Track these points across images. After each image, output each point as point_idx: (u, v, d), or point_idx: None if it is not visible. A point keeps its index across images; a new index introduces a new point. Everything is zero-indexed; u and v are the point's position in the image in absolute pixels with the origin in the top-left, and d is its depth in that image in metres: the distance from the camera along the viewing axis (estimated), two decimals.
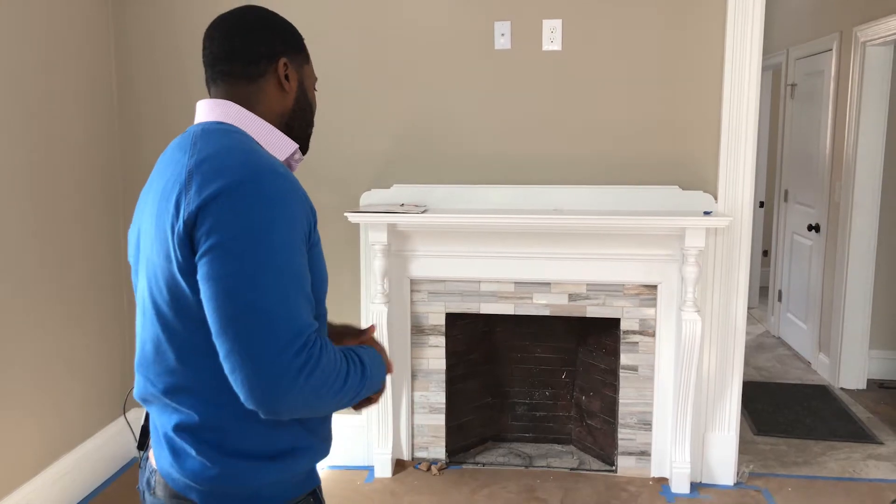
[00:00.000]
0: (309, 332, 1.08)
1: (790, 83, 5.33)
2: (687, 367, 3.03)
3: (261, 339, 1.04)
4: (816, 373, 4.73)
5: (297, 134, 1.33)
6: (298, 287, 1.10)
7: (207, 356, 1.11)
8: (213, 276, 1.06)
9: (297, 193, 1.14)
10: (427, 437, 3.39)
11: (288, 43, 1.30)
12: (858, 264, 4.37)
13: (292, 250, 1.10)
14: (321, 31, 3.18)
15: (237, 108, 1.24)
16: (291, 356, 1.05)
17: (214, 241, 1.06)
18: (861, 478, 3.28)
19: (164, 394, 1.18)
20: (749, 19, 2.98)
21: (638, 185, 3.11)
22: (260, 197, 1.08)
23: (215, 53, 1.27)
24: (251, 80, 1.26)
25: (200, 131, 1.19)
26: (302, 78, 1.33)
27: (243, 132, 1.22)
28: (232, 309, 1.05)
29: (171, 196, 1.12)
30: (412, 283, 3.27)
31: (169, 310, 1.15)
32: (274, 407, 1.06)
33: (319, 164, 3.27)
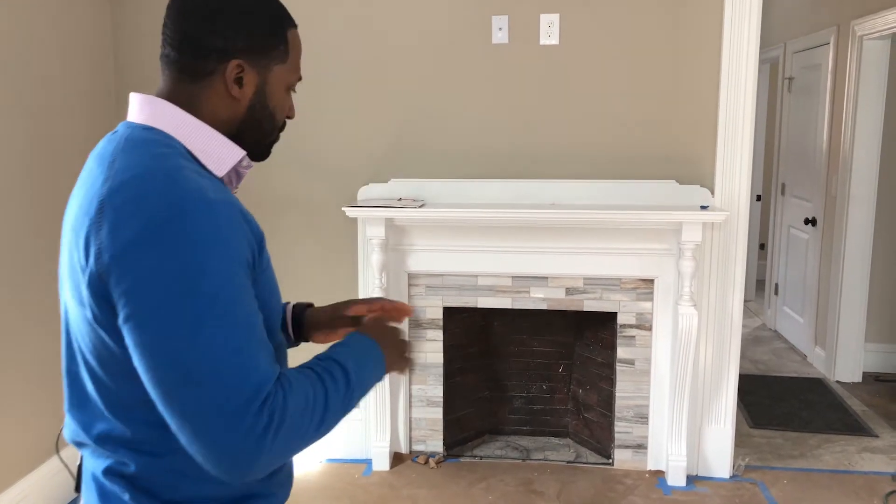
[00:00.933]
0: (268, 385, 0.91)
1: (787, 77, 5.33)
2: (683, 360, 3.04)
3: (213, 408, 0.88)
4: (812, 366, 4.75)
5: (250, 144, 1.12)
6: (249, 333, 0.93)
7: (141, 406, 0.96)
8: (143, 343, 0.90)
9: (233, 220, 0.96)
10: (425, 430, 3.40)
11: (252, 38, 1.06)
12: (854, 258, 4.39)
13: (235, 291, 0.93)
14: (318, 25, 3.18)
15: (172, 109, 1.04)
16: (252, 420, 0.88)
17: (137, 304, 0.89)
18: (856, 470, 3.31)
19: (95, 442, 1.02)
20: (746, 13, 2.98)
21: (635, 179, 3.12)
22: (186, 238, 0.90)
23: (167, 34, 1.07)
24: (196, 77, 1.05)
25: (124, 141, 1.00)
26: (265, 82, 1.09)
27: (173, 143, 1.02)
28: (173, 379, 0.89)
29: (80, 230, 0.94)
30: (410, 277, 3.27)
31: (93, 359, 0.99)
32: (243, 477, 0.91)
33: (317, 159, 3.28)
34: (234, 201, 1.00)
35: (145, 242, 0.89)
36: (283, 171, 3.29)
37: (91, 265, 0.91)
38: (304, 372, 1.01)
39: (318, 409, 0.97)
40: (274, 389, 0.92)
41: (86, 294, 0.93)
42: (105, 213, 0.92)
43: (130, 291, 0.89)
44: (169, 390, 0.89)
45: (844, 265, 4.40)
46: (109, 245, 0.90)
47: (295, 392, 0.94)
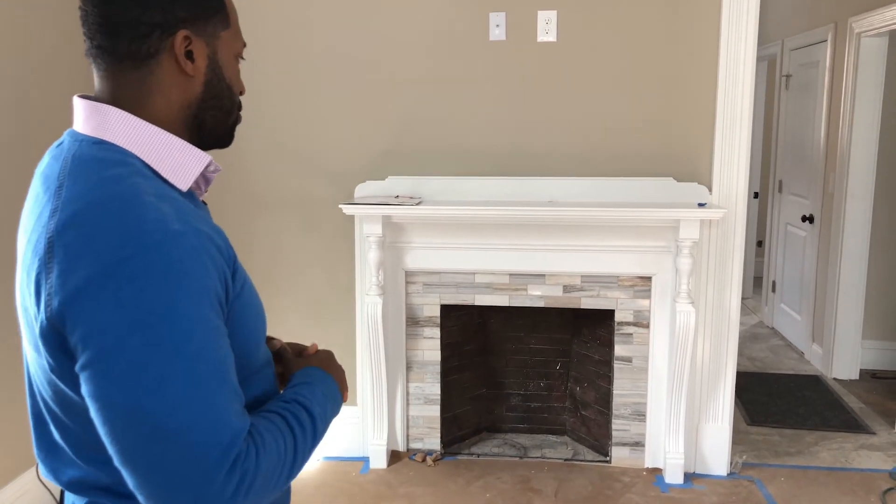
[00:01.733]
0: (239, 442, 0.83)
1: (785, 74, 5.33)
2: (681, 358, 3.04)
3: (178, 470, 0.79)
4: (810, 363, 4.75)
5: (213, 128, 1.01)
6: (218, 383, 0.83)
7: (104, 454, 0.86)
8: (100, 397, 0.80)
9: (201, 251, 0.85)
10: (422, 428, 3.40)
11: (193, 6, 0.95)
12: (852, 255, 4.39)
13: (204, 335, 0.83)
14: (315, 22, 3.17)
15: (119, 116, 0.92)
16: (222, 481, 0.80)
17: (93, 353, 0.79)
18: (853, 467, 3.31)
19: (69, 488, 0.94)
20: (744, 10, 2.97)
21: (632, 176, 3.11)
22: (147, 278, 0.80)
23: (91, 23, 0.92)
24: (139, 62, 0.92)
25: (72, 160, 0.89)
26: (215, 52, 0.98)
27: (127, 160, 0.90)
28: (133, 438, 0.80)
29: (31, 272, 0.84)
30: (407, 274, 3.27)
31: (56, 406, 0.90)
32: None
33: (314, 156, 3.27)
34: (202, 226, 0.88)
35: (98, 285, 0.79)
36: (281, 169, 3.28)
37: (42, 312, 0.82)
38: (272, 420, 0.93)
39: (288, 460, 0.91)
40: (245, 447, 0.84)
41: (40, 343, 0.84)
42: (55, 252, 0.82)
43: (85, 340, 0.80)
44: (128, 448, 0.80)
45: (842, 262, 4.40)
46: (59, 289, 0.80)
47: (267, 449, 0.87)
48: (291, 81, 3.23)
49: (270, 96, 3.24)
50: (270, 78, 3.23)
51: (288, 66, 3.22)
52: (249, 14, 3.18)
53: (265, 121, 3.25)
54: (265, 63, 3.21)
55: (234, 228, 3.28)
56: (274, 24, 3.17)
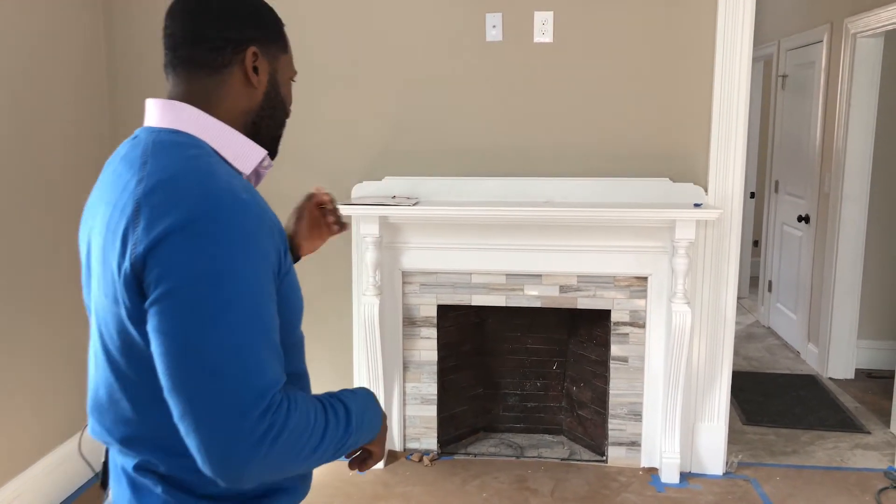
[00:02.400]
0: (274, 391, 0.94)
1: (781, 74, 5.34)
2: (677, 357, 3.05)
3: (217, 402, 0.90)
4: (805, 363, 4.76)
5: (265, 136, 1.17)
6: (264, 338, 0.95)
7: (167, 407, 0.96)
8: (163, 329, 0.92)
9: (265, 221, 0.99)
10: (419, 428, 3.40)
11: (262, 29, 1.13)
12: (847, 255, 4.40)
13: (258, 295, 0.96)
14: (312, 22, 3.17)
15: (194, 111, 1.07)
16: (253, 422, 0.91)
17: (165, 289, 0.92)
18: (848, 467, 3.32)
19: (121, 443, 1.05)
20: (740, 10, 2.98)
21: (629, 177, 3.12)
22: (219, 234, 0.93)
23: (177, 35, 1.09)
24: (214, 70, 1.09)
25: (152, 145, 1.03)
26: (275, 72, 1.16)
27: (200, 144, 1.05)
28: (185, 368, 0.91)
29: (117, 230, 0.97)
30: (404, 275, 3.27)
31: (121, 357, 1.01)
32: (232, 478, 0.93)
33: (311, 156, 3.27)
34: (264, 203, 1.03)
35: (179, 235, 0.92)
36: (278, 169, 3.28)
37: (127, 260, 0.94)
38: (310, 398, 1.03)
39: (316, 435, 0.99)
40: (279, 399, 0.94)
41: (120, 290, 0.96)
42: (142, 211, 0.95)
43: (160, 278, 0.92)
44: (180, 377, 0.92)
45: (837, 262, 4.42)
46: (144, 238, 0.93)
47: (299, 410, 0.97)
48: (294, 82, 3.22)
49: None
50: None
51: None
52: None
53: None
54: None
55: None
56: None
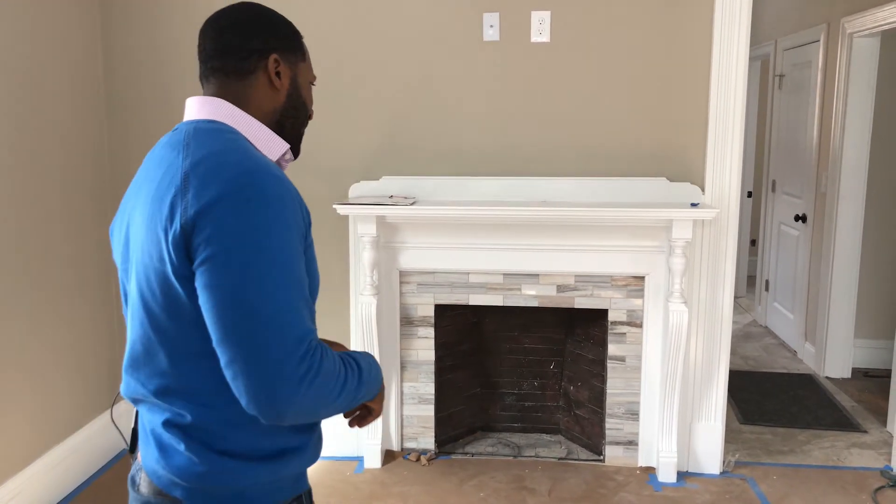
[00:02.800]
0: (311, 338, 1.08)
1: (778, 74, 5.35)
2: (674, 357, 3.05)
3: (264, 347, 1.04)
4: (802, 362, 4.77)
5: (289, 133, 1.32)
6: (299, 292, 1.09)
7: (200, 358, 1.12)
8: (214, 284, 1.05)
9: (293, 195, 1.14)
10: (416, 427, 3.41)
11: (281, 39, 1.29)
12: (844, 254, 4.41)
13: (293, 254, 1.10)
14: (309, 23, 3.17)
15: (228, 105, 1.23)
16: (295, 364, 1.04)
17: (215, 249, 1.05)
18: (845, 466, 3.33)
19: (154, 395, 1.17)
20: (737, 10, 2.99)
21: (626, 176, 3.12)
22: (260, 201, 1.07)
23: (208, 50, 1.27)
24: (242, 76, 1.25)
25: (193, 130, 1.18)
26: (295, 76, 1.31)
27: (235, 131, 1.21)
28: (234, 317, 1.04)
29: (165, 198, 1.11)
30: (401, 274, 3.27)
31: (161, 311, 1.13)
32: (277, 415, 1.06)
33: (309, 156, 3.26)
34: (291, 182, 1.16)
35: (225, 200, 1.06)
36: None
37: (177, 222, 1.07)
38: (333, 351, 1.16)
39: (339, 382, 1.13)
40: (315, 345, 1.08)
41: (168, 250, 1.08)
42: (190, 180, 1.09)
43: (209, 239, 1.05)
44: (230, 326, 1.04)
45: (834, 261, 4.43)
46: (195, 203, 1.06)
47: (329, 357, 1.11)
48: None
49: None
50: None
51: None
52: None
53: None
54: None
55: None
56: None
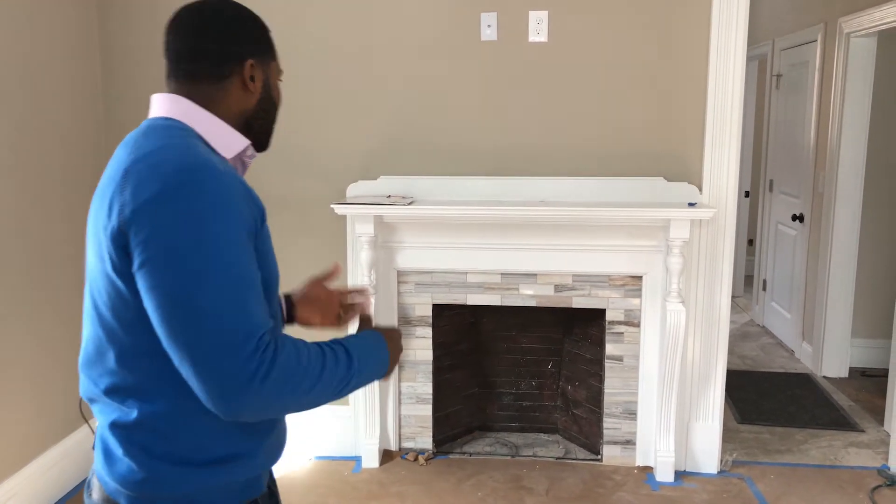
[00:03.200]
0: (261, 333, 1.05)
1: (776, 73, 5.36)
2: (671, 356, 3.06)
3: (210, 345, 1.02)
4: (800, 361, 4.78)
5: (258, 132, 1.30)
6: (247, 286, 1.06)
7: (148, 356, 1.10)
8: (155, 286, 1.04)
9: (238, 190, 1.11)
10: (414, 427, 3.41)
11: (256, 42, 1.27)
12: (841, 254, 4.42)
13: (238, 248, 1.06)
14: (306, 22, 3.17)
15: (186, 103, 1.20)
16: (242, 362, 1.02)
17: (154, 250, 1.03)
18: (842, 465, 3.33)
19: (105, 394, 1.16)
20: (734, 10, 2.99)
21: (623, 176, 3.12)
22: (198, 197, 1.05)
23: (180, 51, 1.22)
24: (215, 80, 1.22)
25: (146, 127, 1.17)
26: (268, 76, 1.30)
27: (188, 128, 1.18)
28: (178, 319, 1.03)
29: (105, 195, 1.10)
30: (399, 274, 3.27)
31: (107, 310, 1.12)
32: (234, 414, 1.05)
33: (306, 157, 3.27)
34: (240, 178, 1.14)
35: (163, 199, 1.04)
36: (273, 169, 3.28)
37: (114, 220, 1.05)
38: (310, 344, 1.13)
39: (310, 375, 1.09)
40: (268, 340, 1.05)
41: (107, 247, 1.07)
42: (129, 177, 1.07)
43: (147, 240, 1.03)
44: (176, 326, 1.03)
45: (831, 261, 4.43)
46: (131, 201, 1.05)
47: (287, 351, 1.07)
48: (283, 81, 3.22)
49: None
50: None
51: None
52: None
53: None
54: None
55: None
56: None
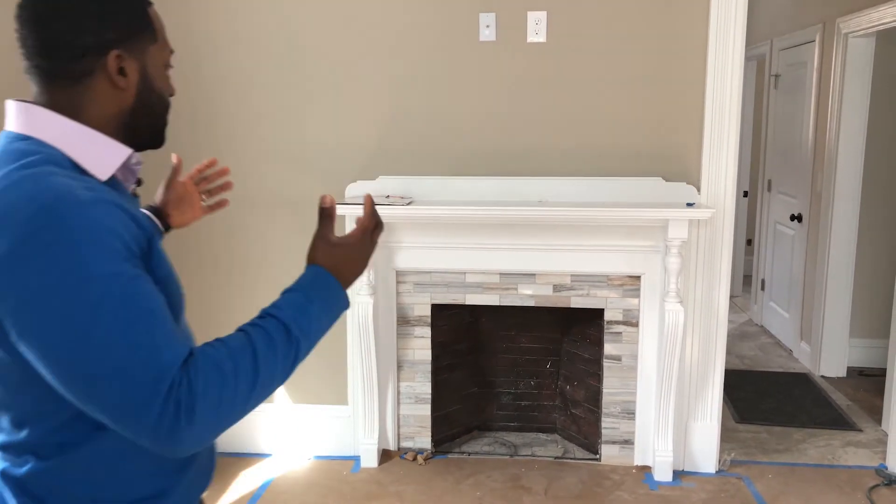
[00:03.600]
0: (171, 373, 0.90)
1: (774, 74, 5.36)
2: (670, 356, 3.06)
3: (120, 402, 0.90)
4: (798, 361, 4.79)
5: (144, 132, 1.10)
6: (146, 319, 0.92)
7: (38, 418, 0.98)
8: (41, 356, 0.90)
9: (111, 217, 0.93)
10: (413, 427, 3.41)
11: (123, 26, 1.03)
12: (839, 254, 4.42)
13: (123, 285, 0.91)
14: (305, 22, 3.17)
15: (46, 115, 1.01)
16: (159, 410, 0.89)
17: (26, 319, 0.89)
18: (840, 464, 3.34)
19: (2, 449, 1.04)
20: (732, 10, 2.99)
21: (622, 176, 3.13)
22: (61, 242, 0.88)
23: (29, 45, 1.01)
24: (73, 80, 1.02)
25: None
26: (145, 66, 1.07)
27: (45, 149, 0.98)
28: (78, 385, 0.90)
29: None
30: (398, 274, 3.28)
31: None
32: (175, 454, 0.94)
33: (305, 156, 3.27)
34: (112, 199, 0.96)
35: (19, 256, 0.88)
36: (272, 169, 3.28)
37: None
38: (227, 341, 0.99)
39: (244, 378, 0.96)
40: (181, 378, 0.91)
41: None
42: None
43: (17, 309, 0.89)
44: (79, 394, 0.91)
45: (829, 261, 4.44)
46: None
47: (203, 372, 0.93)
48: (281, 82, 3.23)
49: (261, 97, 3.24)
50: (260, 78, 3.23)
51: (277, 67, 3.22)
52: (238, 14, 3.18)
53: (256, 121, 3.25)
54: (254, 63, 3.21)
55: (225, 228, 3.28)
56: (263, 23, 3.17)
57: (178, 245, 3.29)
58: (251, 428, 3.44)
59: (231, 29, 3.20)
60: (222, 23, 3.20)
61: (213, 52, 3.22)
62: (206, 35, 3.21)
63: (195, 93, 3.23)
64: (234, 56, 3.22)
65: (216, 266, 3.37)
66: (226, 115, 3.26)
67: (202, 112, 3.26)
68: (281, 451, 3.45)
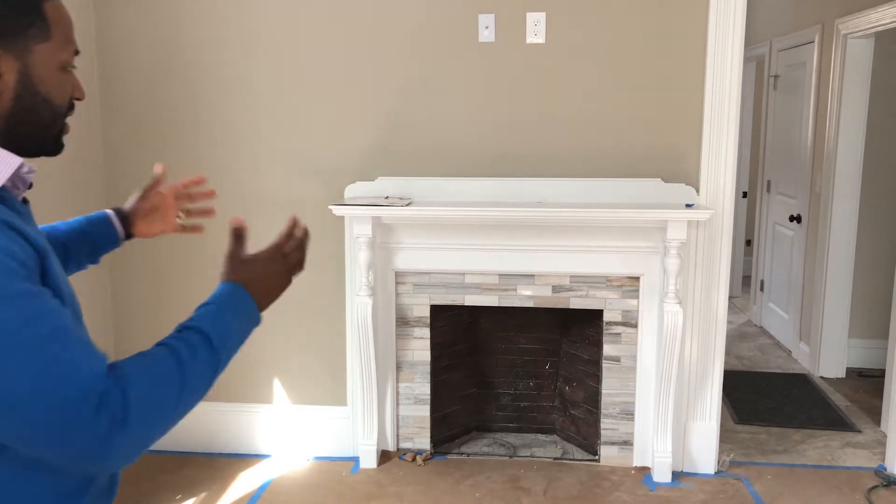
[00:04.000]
0: (98, 385, 0.88)
1: (773, 74, 5.37)
2: (669, 357, 3.06)
3: (51, 429, 0.86)
4: (797, 361, 4.79)
5: (28, 140, 1.01)
6: (59, 336, 0.88)
7: None
8: None
9: (2, 236, 0.89)
10: (412, 427, 3.41)
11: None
12: (838, 255, 4.43)
13: (24, 303, 0.87)
14: (304, 24, 3.17)
15: None
16: (91, 424, 0.86)
17: None
18: (839, 465, 3.34)
19: None
20: (731, 11, 2.99)
21: (621, 177, 3.13)
22: None
23: None
24: None
25: None
26: (27, 67, 0.97)
27: None
28: (6, 421, 0.86)
29: None
30: (397, 275, 3.28)
31: None
32: (108, 468, 0.93)
33: (304, 157, 3.27)
34: (2, 217, 0.91)
35: None
36: (271, 170, 3.28)
37: None
38: (150, 355, 0.97)
39: (171, 388, 0.95)
40: (108, 388, 0.89)
41: None
42: None
43: None
44: (8, 431, 0.88)
45: (829, 262, 4.44)
46: None
47: (133, 382, 0.91)
48: (280, 83, 3.23)
49: (260, 98, 3.24)
50: (259, 79, 3.23)
51: (276, 68, 3.22)
52: (238, 16, 3.18)
53: (255, 123, 3.25)
54: (253, 65, 3.21)
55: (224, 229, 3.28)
56: (262, 25, 3.17)
57: (178, 246, 3.30)
58: (250, 429, 3.44)
59: (230, 31, 3.20)
60: (221, 25, 3.20)
61: (213, 54, 3.21)
62: (205, 37, 3.21)
63: (195, 95, 3.23)
64: (232, 57, 3.22)
65: (216, 266, 3.36)
66: (225, 117, 3.26)
67: (202, 113, 3.25)
68: (280, 452, 3.45)
